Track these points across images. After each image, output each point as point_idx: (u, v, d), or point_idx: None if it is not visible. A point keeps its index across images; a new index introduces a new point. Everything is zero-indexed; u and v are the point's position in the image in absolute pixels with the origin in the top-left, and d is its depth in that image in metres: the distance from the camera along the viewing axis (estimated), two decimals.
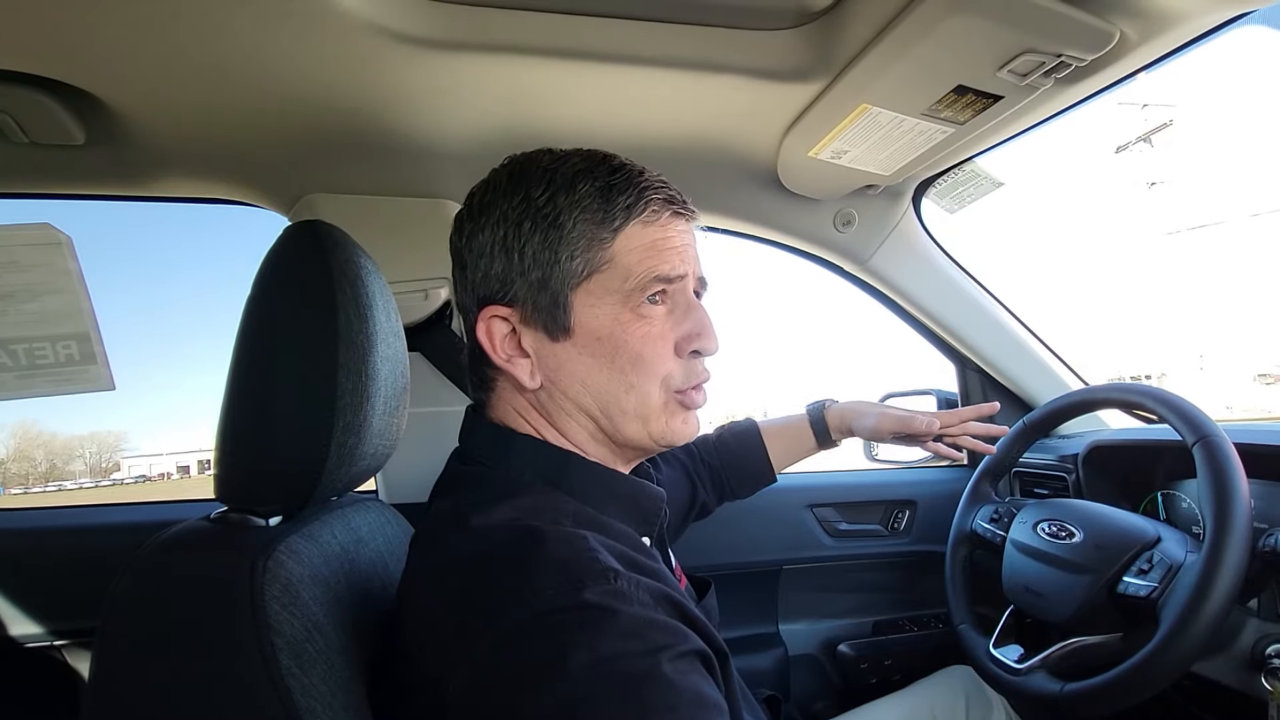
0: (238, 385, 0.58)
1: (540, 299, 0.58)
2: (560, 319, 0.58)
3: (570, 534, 0.51)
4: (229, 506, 0.60)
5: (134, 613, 0.52)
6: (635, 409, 0.60)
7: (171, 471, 18.17)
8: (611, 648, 0.44)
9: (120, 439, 44.94)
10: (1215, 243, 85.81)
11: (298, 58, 0.79)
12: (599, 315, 0.59)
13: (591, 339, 0.59)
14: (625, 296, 0.59)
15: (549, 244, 0.58)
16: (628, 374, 0.59)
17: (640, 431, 0.61)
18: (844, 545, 1.40)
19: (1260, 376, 13.63)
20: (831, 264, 1.38)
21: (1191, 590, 0.78)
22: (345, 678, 0.54)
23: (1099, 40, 0.75)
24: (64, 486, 23.57)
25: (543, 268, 0.58)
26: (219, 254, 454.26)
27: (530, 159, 0.62)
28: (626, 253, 0.59)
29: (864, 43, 0.81)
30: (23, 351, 0.95)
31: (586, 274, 0.58)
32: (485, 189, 0.62)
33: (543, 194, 0.58)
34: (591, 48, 0.83)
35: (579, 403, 0.61)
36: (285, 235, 0.62)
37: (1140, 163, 38.44)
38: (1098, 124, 57.33)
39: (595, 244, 0.58)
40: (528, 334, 0.60)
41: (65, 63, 0.77)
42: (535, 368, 0.60)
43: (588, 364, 0.59)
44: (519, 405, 0.63)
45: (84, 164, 0.98)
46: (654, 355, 0.60)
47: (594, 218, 0.58)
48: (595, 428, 0.62)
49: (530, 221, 0.58)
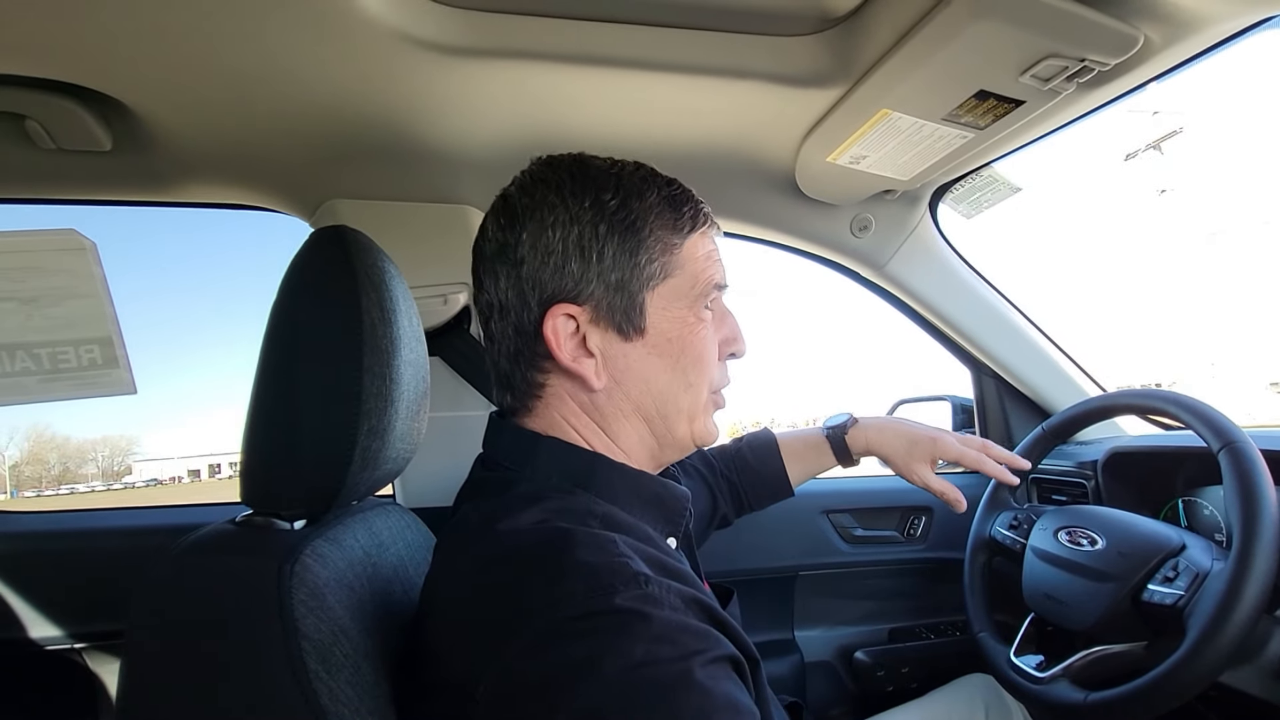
0: (263, 388, 0.59)
1: (616, 300, 0.60)
2: (635, 319, 0.60)
3: (600, 536, 0.51)
4: (254, 510, 0.60)
5: (161, 616, 0.52)
6: (689, 408, 0.64)
7: (183, 475, 18.29)
8: (644, 653, 0.43)
9: (133, 442, 45.33)
10: (1228, 250, 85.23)
11: (323, 65, 0.80)
12: (669, 317, 0.61)
13: (663, 340, 0.61)
14: (692, 301, 0.62)
15: (627, 248, 0.60)
16: (689, 374, 0.63)
17: (686, 431, 0.65)
18: (860, 551, 1.39)
19: (1273, 385, 13.49)
20: (848, 269, 1.38)
21: (1220, 598, 0.76)
22: (371, 682, 0.54)
23: (1123, 44, 0.75)
24: (76, 490, 23.71)
25: (622, 270, 0.59)
26: (235, 259, 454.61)
27: (581, 162, 0.63)
28: (692, 260, 0.63)
29: (886, 48, 0.81)
30: (46, 355, 0.96)
31: (662, 277, 0.61)
32: (536, 188, 0.61)
33: (613, 199, 0.60)
34: (613, 54, 0.83)
35: (639, 403, 0.62)
36: (311, 240, 0.63)
37: (1150, 170, 38.15)
38: (1107, 131, 57.16)
39: (668, 250, 0.61)
40: (595, 333, 0.60)
41: (93, 69, 0.78)
42: (601, 367, 0.60)
43: (655, 364, 0.62)
44: (567, 410, 0.62)
45: (110, 170, 0.99)
46: (710, 357, 0.64)
47: (667, 224, 0.61)
48: (647, 430, 0.64)
49: (606, 225, 0.59)
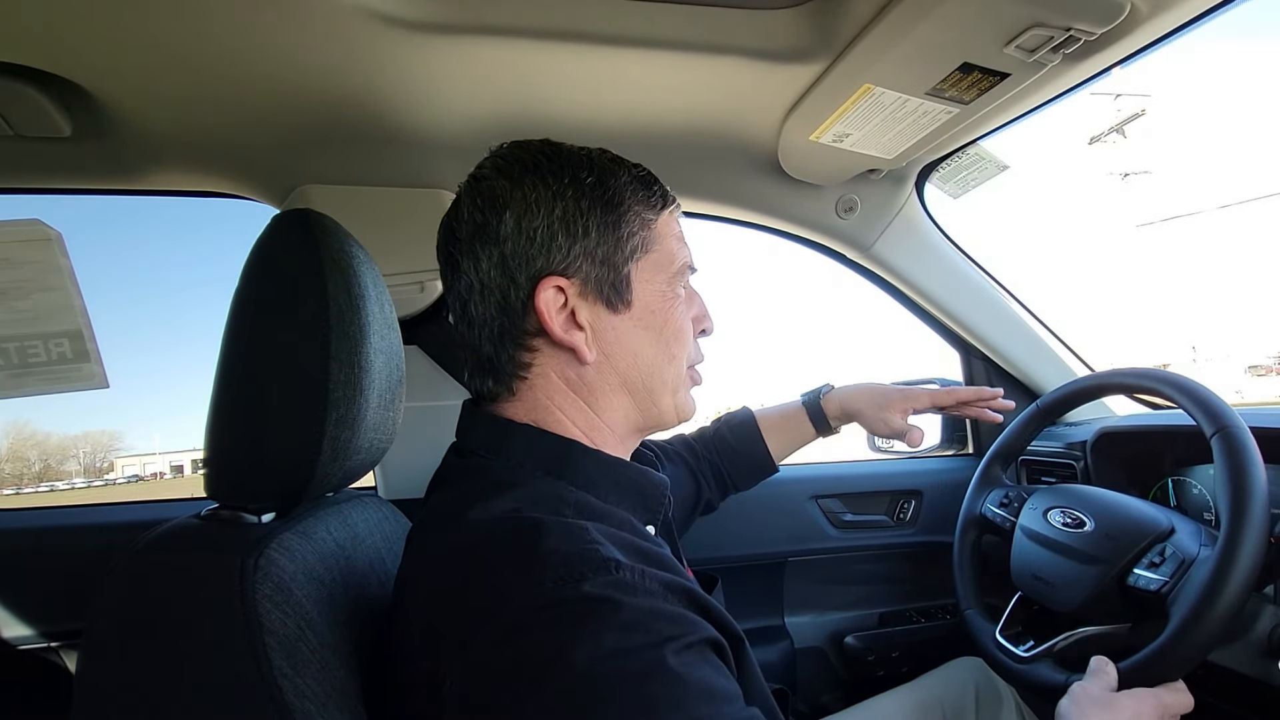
0: (227, 378, 0.57)
1: (604, 273, 0.61)
2: (623, 292, 0.62)
3: (571, 525, 0.50)
4: (220, 504, 0.58)
5: (120, 613, 0.50)
6: (672, 381, 0.66)
7: (165, 471, 18.15)
8: (614, 641, 0.42)
9: (115, 438, 44.98)
10: (1188, 234, 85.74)
11: (288, 44, 0.77)
12: (653, 291, 0.63)
13: (647, 312, 0.63)
14: (670, 277, 0.65)
15: (609, 222, 0.61)
16: (671, 346, 0.65)
17: (670, 404, 0.66)
18: (849, 536, 1.39)
19: (1252, 369, 13.64)
20: (834, 251, 1.37)
21: (1203, 587, 0.76)
22: (340, 677, 0.53)
23: (1109, 12, 0.73)
24: (56, 487, 23.43)
25: (607, 244, 0.61)
26: (214, 248, 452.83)
27: (551, 144, 0.63)
28: (666, 238, 0.65)
29: (866, 20, 0.79)
30: (14, 350, 0.93)
31: (644, 252, 0.63)
32: (512, 168, 0.61)
33: (589, 176, 0.61)
34: (587, 29, 0.81)
35: (626, 376, 0.63)
36: (274, 224, 0.61)
37: (1114, 154, 38.34)
38: (1070, 115, 57.23)
39: (645, 225, 0.63)
40: (584, 307, 0.60)
41: (50, 52, 0.76)
42: (591, 340, 0.61)
43: (641, 336, 0.63)
44: (553, 389, 0.62)
45: (71, 157, 0.96)
46: (688, 331, 0.67)
47: (641, 201, 0.63)
48: (632, 404, 0.65)
49: (588, 201, 0.60)
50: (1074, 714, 0.72)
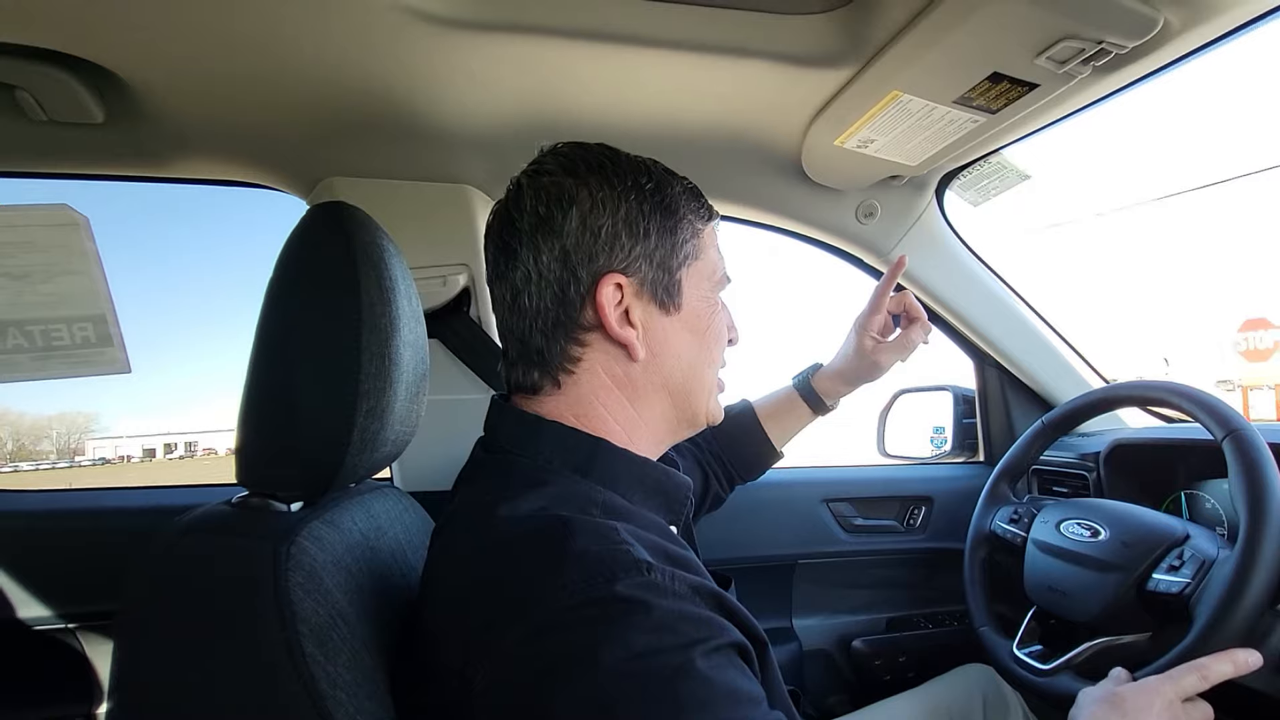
0: (259, 367, 0.58)
1: (659, 275, 0.63)
2: (675, 295, 0.64)
3: (601, 525, 0.50)
4: (250, 491, 0.59)
5: (155, 597, 0.51)
6: (708, 384, 0.68)
7: (135, 455, 18.12)
8: (644, 642, 0.43)
9: (90, 420, 44.90)
10: (1069, 242, 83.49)
11: (323, 36, 0.78)
12: (699, 296, 0.66)
13: (693, 316, 0.66)
14: (713, 285, 0.68)
15: (667, 227, 0.63)
16: (711, 350, 0.67)
17: (704, 407, 0.69)
18: (859, 541, 1.39)
19: (1221, 383, 13.49)
20: (852, 256, 1.36)
21: (1227, 584, 0.76)
22: (369, 666, 0.53)
23: (1142, 27, 0.73)
24: (19, 468, 23.33)
25: (664, 248, 0.63)
26: (208, 237, 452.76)
27: (610, 149, 0.65)
28: (709, 248, 0.68)
29: (898, 28, 0.79)
30: (39, 333, 0.94)
31: (694, 258, 0.65)
32: (577, 166, 0.62)
33: (649, 182, 0.63)
34: (616, 29, 0.82)
35: (668, 377, 0.65)
36: (308, 217, 0.61)
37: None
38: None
39: (696, 234, 0.66)
40: (638, 306, 0.62)
41: (85, 38, 0.76)
42: (642, 338, 0.62)
43: (686, 339, 0.65)
44: (598, 384, 0.62)
45: (103, 143, 0.96)
46: (724, 338, 0.70)
47: (694, 212, 0.66)
48: (670, 405, 0.66)
49: (649, 205, 0.62)
50: (1079, 717, 0.73)
